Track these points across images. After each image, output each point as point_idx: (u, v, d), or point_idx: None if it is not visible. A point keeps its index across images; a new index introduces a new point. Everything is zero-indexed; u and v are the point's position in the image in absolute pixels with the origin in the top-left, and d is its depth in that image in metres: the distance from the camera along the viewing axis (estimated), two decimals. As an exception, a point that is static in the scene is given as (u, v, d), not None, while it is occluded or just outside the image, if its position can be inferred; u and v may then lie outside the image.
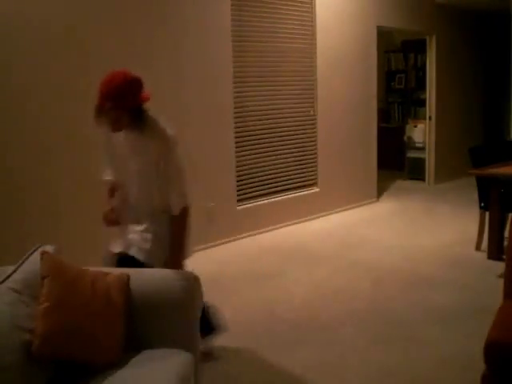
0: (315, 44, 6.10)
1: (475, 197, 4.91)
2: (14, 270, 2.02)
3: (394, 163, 9.38)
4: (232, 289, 4.16)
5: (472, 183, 4.99)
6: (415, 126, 8.54)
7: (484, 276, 4.29)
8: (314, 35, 6.08)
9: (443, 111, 8.33)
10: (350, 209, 6.75)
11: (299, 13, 5.93)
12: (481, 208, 4.86)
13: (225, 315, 3.13)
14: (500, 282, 3.99)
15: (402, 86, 9.59)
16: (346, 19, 6.47)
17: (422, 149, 8.41)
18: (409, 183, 8.51)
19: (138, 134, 2.57)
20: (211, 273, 4.51)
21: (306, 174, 6.24)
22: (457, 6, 8.29)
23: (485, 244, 4.76)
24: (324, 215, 6.40)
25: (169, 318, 2.18)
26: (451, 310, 3.67)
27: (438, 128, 8.26)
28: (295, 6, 5.87)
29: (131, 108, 2.50)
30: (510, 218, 4.36)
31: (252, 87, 5.57)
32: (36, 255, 2.09)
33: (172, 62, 4.76)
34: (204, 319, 2.55)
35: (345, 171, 6.68)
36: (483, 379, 2.22)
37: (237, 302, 3.90)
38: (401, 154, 9.06)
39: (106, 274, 2.15)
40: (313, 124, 6.24)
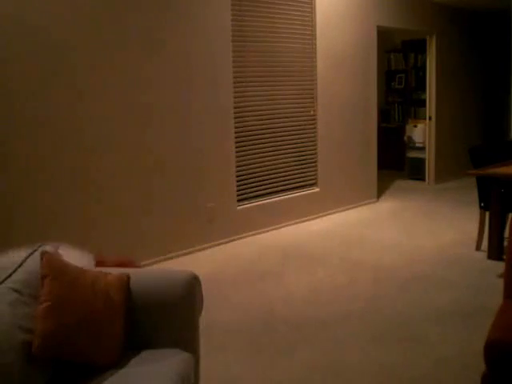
0: (315, 44, 6.11)
1: (475, 197, 4.91)
2: (14, 270, 2.02)
3: (394, 163, 9.40)
4: (232, 289, 4.16)
5: (472, 183, 5.00)
6: (415, 126, 8.54)
7: (484, 276, 4.29)
8: (313, 35, 6.09)
9: (443, 111, 8.34)
10: (349, 209, 6.76)
11: (299, 13, 5.93)
12: (481, 208, 4.86)
13: (225, 315, 3.13)
14: (500, 282, 4.00)
15: (401, 86, 9.59)
16: (346, 19, 6.47)
17: (422, 149, 8.42)
18: (409, 183, 8.52)
19: None
20: (211, 273, 4.51)
21: (305, 174, 6.25)
22: (457, 6, 8.30)
23: (485, 244, 4.77)
24: (324, 215, 6.41)
25: (169, 317, 2.18)
26: (451, 309, 3.67)
27: (438, 128, 8.27)
28: (295, 5, 5.87)
29: None
30: (510, 218, 4.36)
31: (252, 87, 5.57)
32: (36, 255, 2.09)
33: (172, 62, 4.76)
34: None
35: (345, 171, 6.69)
36: (483, 379, 2.22)
37: (237, 301, 3.90)
38: (401, 154, 9.08)
39: (106, 274, 2.15)
40: (313, 124, 6.24)
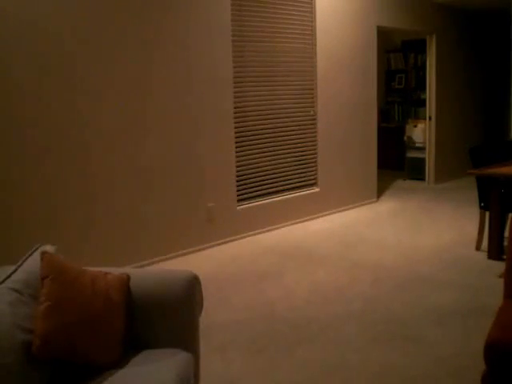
0: (315, 44, 6.11)
1: (475, 197, 4.91)
2: (14, 270, 2.02)
3: (394, 163, 9.40)
4: (232, 289, 4.16)
5: (472, 183, 5.01)
6: (415, 126, 8.55)
7: (484, 276, 4.29)
8: (314, 35, 6.09)
9: (443, 111, 8.34)
10: (350, 209, 6.77)
11: (299, 13, 5.93)
12: (481, 208, 4.86)
13: (225, 315, 3.13)
14: (500, 282, 4.00)
15: (401, 86, 9.60)
16: (346, 19, 6.47)
17: (422, 149, 8.42)
18: (409, 183, 8.52)
19: None
20: (211, 273, 4.52)
21: (306, 174, 6.25)
22: (457, 6, 8.30)
23: (485, 244, 4.77)
24: (324, 215, 6.41)
25: (169, 317, 2.18)
26: (451, 309, 3.67)
27: (438, 128, 8.27)
28: (295, 5, 5.87)
29: None
30: (510, 218, 4.36)
31: (252, 87, 5.57)
32: (36, 255, 2.09)
33: (172, 62, 4.76)
34: None
35: (345, 171, 6.69)
36: (483, 379, 2.22)
37: (237, 301, 3.90)
38: (401, 154, 9.08)
39: (106, 274, 2.15)
40: (313, 124, 6.24)
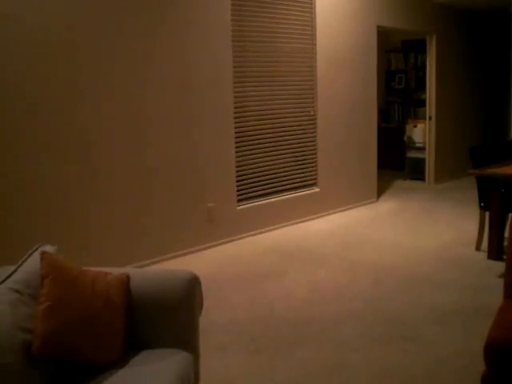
0: (315, 44, 6.11)
1: (475, 197, 4.91)
2: (14, 270, 2.02)
3: (394, 163, 9.41)
4: (232, 289, 4.16)
5: (472, 183, 5.00)
6: (415, 126, 8.55)
7: (484, 276, 4.29)
8: (314, 35, 6.09)
9: (443, 111, 8.34)
10: (349, 209, 6.77)
11: (299, 13, 5.93)
12: (481, 208, 4.86)
13: (225, 315, 3.13)
14: (500, 282, 4.01)
15: (401, 86, 9.60)
16: (346, 19, 6.47)
17: (422, 149, 8.42)
18: (409, 183, 8.52)
19: None
20: (211, 273, 4.52)
21: (305, 174, 6.25)
22: (456, 6, 8.30)
23: (485, 244, 4.77)
24: (324, 215, 6.41)
25: (169, 318, 2.18)
26: (451, 309, 3.67)
27: (438, 128, 8.27)
28: (295, 5, 5.87)
29: None
30: (510, 218, 4.36)
31: (252, 87, 5.57)
32: (36, 255, 2.09)
33: (172, 62, 4.76)
34: None
35: (345, 171, 6.69)
36: (483, 379, 2.22)
37: (237, 302, 3.90)
38: (401, 154, 9.08)
39: (106, 274, 2.15)
40: (313, 124, 6.24)
